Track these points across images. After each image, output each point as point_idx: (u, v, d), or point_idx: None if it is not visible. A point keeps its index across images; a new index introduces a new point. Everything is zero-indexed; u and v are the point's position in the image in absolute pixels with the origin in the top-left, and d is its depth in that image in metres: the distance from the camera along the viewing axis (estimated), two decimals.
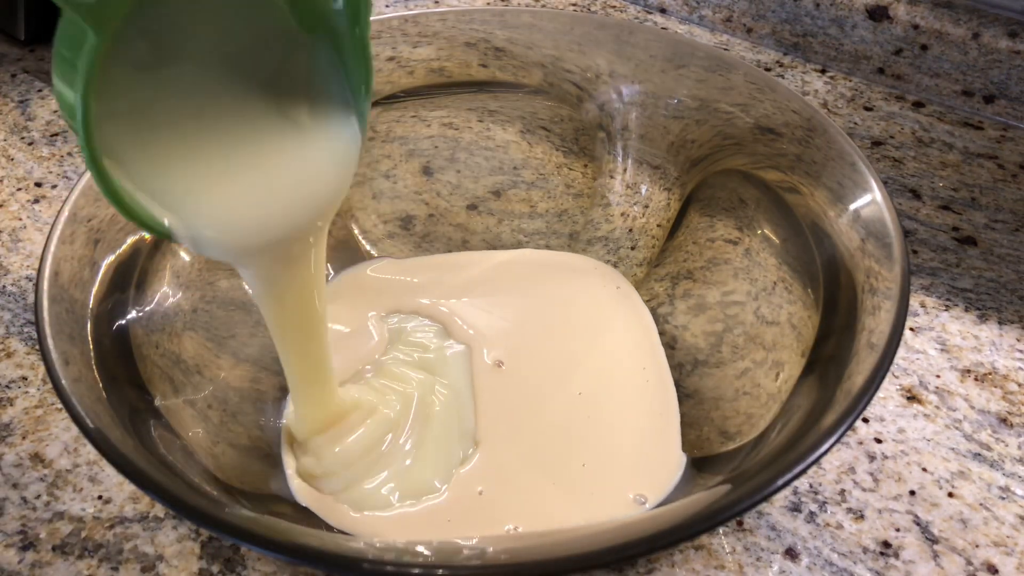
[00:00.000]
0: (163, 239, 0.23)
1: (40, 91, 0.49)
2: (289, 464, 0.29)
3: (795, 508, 0.29)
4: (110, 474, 0.30)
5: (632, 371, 0.32)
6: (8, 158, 0.44)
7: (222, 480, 0.25)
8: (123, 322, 0.27)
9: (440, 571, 0.19)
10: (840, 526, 0.28)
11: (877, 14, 0.49)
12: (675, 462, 0.29)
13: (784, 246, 0.31)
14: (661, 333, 0.34)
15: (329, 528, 0.27)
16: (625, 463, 0.29)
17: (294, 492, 0.28)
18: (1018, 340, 0.35)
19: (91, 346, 0.25)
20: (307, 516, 0.27)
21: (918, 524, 0.28)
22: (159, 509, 0.28)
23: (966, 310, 0.36)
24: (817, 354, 0.27)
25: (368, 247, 0.38)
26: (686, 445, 0.30)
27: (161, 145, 0.21)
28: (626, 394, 0.32)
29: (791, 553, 0.28)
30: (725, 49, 0.53)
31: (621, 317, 0.35)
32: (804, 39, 0.52)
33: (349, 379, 0.32)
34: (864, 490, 0.29)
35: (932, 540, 0.28)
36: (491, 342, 0.33)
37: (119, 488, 0.29)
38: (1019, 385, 0.33)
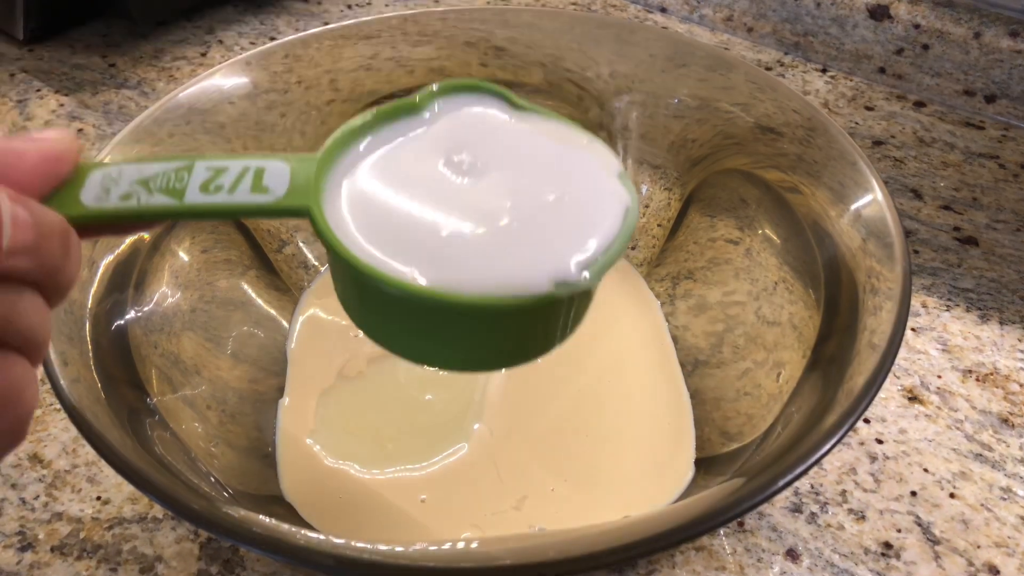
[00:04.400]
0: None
1: (38, 91, 0.49)
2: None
3: (796, 509, 0.29)
4: (109, 475, 0.29)
5: (648, 369, 0.32)
6: None
7: (220, 481, 0.25)
8: (122, 322, 0.27)
9: (437, 571, 0.19)
10: (841, 527, 0.28)
11: (878, 13, 0.48)
12: (687, 463, 0.29)
13: (785, 246, 0.31)
14: None
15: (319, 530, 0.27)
16: (639, 463, 0.29)
17: (286, 493, 0.28)
18: (1020, 340, 0.35)
19: (90, 346, 0.25)
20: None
21: (919, 525, 0.28)
22: (158, 510, 0.28)
23: (967, 310, 0.36)
24: (818, 354, 0.27)
25: None
26: None
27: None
28: (642, 393, 0.32)
29: (792, 554, 0.28)
30: (726, 48, 0.53)
31: (634, 311, 0.35)
32: (805, 38, 0.52)
33: None
34: (865, 491, 0.29)
35: (933, 541, 0.28)
36: None
37: (118, 489, 0.29)
38: (1021, 385, 0.33)
